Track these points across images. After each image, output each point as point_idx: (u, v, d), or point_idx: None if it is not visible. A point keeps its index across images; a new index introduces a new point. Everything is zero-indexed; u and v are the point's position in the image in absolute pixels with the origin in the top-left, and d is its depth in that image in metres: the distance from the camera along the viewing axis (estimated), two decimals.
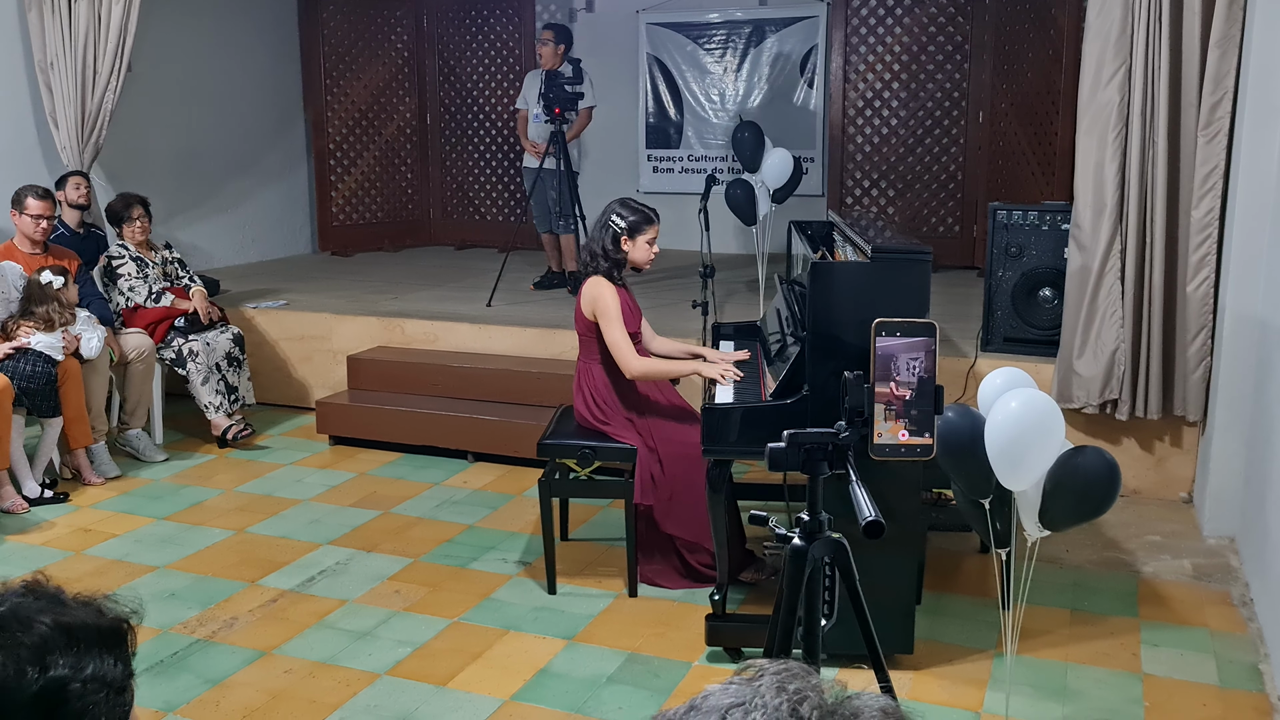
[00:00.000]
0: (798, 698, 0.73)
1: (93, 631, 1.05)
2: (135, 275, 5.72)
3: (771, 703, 0.73)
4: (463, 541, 4.49)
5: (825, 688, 0.75)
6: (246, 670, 3.45)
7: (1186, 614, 3.79)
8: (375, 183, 9.13)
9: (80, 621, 1.05)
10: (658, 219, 4.10)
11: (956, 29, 7.86)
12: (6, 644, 1.00)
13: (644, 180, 8.92)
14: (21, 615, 1.03)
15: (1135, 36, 4.38)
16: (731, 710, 0.73)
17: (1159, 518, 4.63)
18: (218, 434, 5.67)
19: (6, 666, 0.99)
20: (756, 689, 0.74)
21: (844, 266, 3.52)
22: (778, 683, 0.74)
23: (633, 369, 3.96)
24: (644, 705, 3.24)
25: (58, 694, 1.01)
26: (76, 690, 1.01)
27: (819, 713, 0.73)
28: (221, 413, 5.67)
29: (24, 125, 6.54)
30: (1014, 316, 5.06)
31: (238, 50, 8.14)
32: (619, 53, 8.76)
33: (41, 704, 1.00)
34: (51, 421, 4.96)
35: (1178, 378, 4.58)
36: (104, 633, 1.06)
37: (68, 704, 1.01)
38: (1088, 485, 2.77)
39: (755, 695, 0.74)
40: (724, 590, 3.57)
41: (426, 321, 6.19)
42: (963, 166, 7.95)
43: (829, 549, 2.04)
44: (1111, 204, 4.51)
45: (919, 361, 1.94)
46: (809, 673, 0.76)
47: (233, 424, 5.65)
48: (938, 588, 3.95)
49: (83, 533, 4.60)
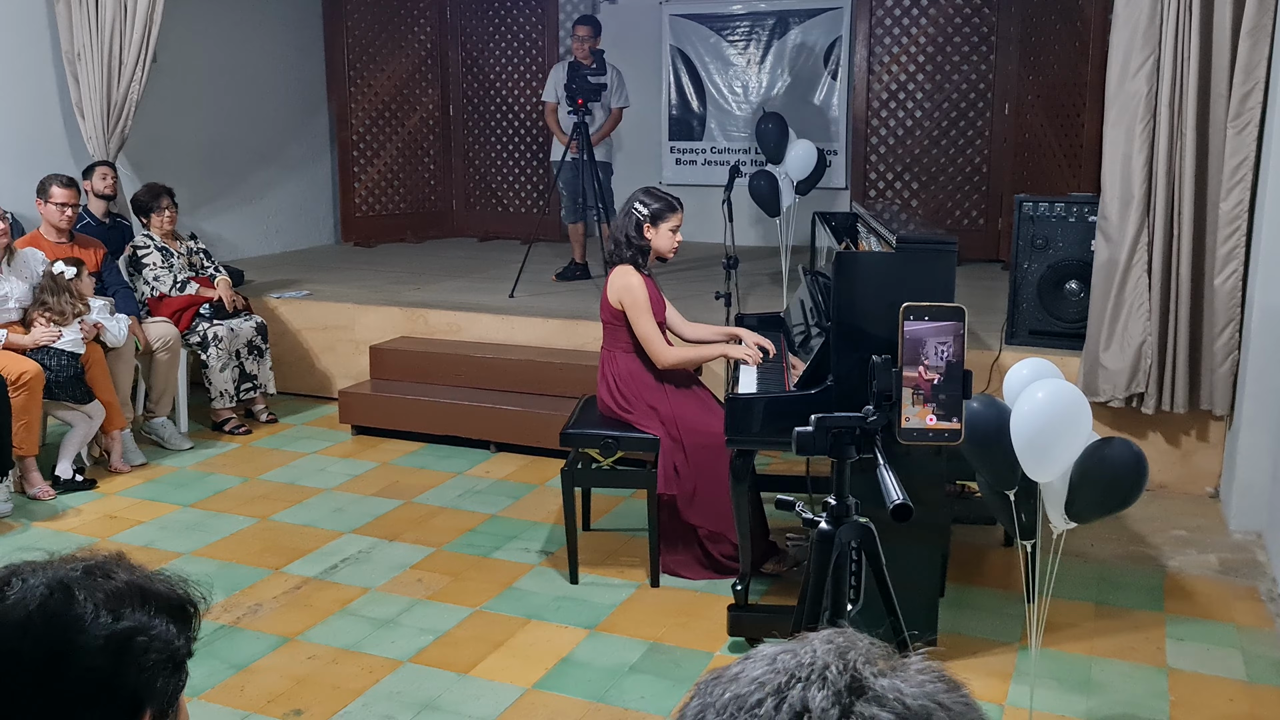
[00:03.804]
0: (846, 645, 0.77)
1: (165, 601, 1.11)
2: (160, 265, 5.76)
3: (821, 649, 0.76)
4: (485, 531, 4.50)
5: (874, 643, 0.79)
6: (271, 656, 3.47)
7: (1213, 609, 3.76)
8: (398, 174, 9.15)
9: (155, 589, 1.12)
10: (681, 207, 4.10)
11: (982, 20, 7.80)
12: (88, 586, 1.08)
13: (667, 172, 8.90)
14: (105, 568, 1.11)
15: (1164, 26, 4.33)
16: (781, 655, 0.77)
17: (1185, 512, 4.60)
18: (217, 421, 5.78)
19: (85, 604, 1.06)
20: (806, 640, 0.78)
21: (869, 257, 3.50)
22: (827, 636, 0.78)
23: (665, 360, 3.96)
24: (666, 695, 3.24)
25: (126, 642, 1.06)
26: (142, 643, 1.07)
27: (864, 658, 0.76)
28: (226, 400, 5.74)
29: (51, 115, 6.59)
30: (1039, 309, 5.02)
31: (262, 42, 8.18)
32: (642, 45, 8.74)
33: (110, 647, 1.05)
34: (92, 410, 5.00)
35: (1205, 371, 4.54)
36: (174, 606, 1.12)
37: (133, 654, 1.07)
38: (1115, 477, 2.75)
39: (804, 644, 0.78)
40: (747, 581, 3.57)
41: (449, 312, 6.21)
42: (987, 159, 7.90)
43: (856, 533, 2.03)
44: (1139, 195, 4.47)
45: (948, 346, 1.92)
46: (858, 634, 0.79)
47: (233, 418, 5.79)
48: (961, 580, 3.94)
49: (109, 519, 4.63)
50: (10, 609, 1.05)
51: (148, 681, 1.08)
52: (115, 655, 1.06)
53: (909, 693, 0.73)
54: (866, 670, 0.75)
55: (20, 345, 4.82)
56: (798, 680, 0.74)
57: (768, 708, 0.73)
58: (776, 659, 0.77)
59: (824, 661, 0.75)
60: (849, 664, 0.75)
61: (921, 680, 0.75)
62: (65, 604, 1.06)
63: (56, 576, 1.08)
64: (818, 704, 0.72)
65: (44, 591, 1.06)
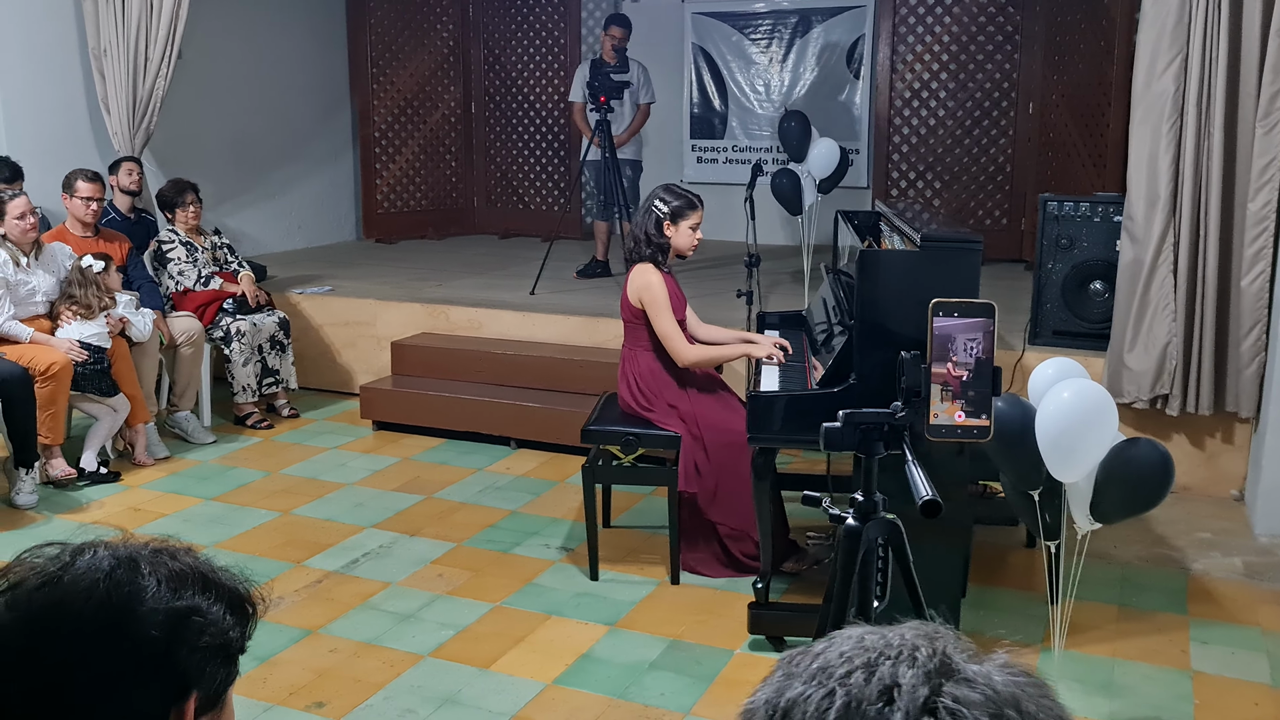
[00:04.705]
0: (935, 632, 0.79)
1: (225, 592, 1.15)
2: (185, 260, 5.79)
3: (909, 633, 0.79)
4: (505, 527, 4.51)
5: (960, 635, 0.81)
6: (293, 648, 3.49)
7: (1238, 612, 3.73)
8: (420, 171, 9.17)
9: (218, 579, 1.16)
10: (701, 205, 4.09)
11: (1006, 19, 7.76)
12: (154, 562, 1.12)
13: (688, 170, 8.89)
14: (172, 551, 1.16)
15: (1193, 25, 4.30)
16: (869, 635, 0.79)
17: (1209, 515, 4.56)
18: (240, 415, 5.82)
19: (149, 578, 1.10)
20: (893, 626, 0.81)
21: (893, 255, 3.49)
22: (914, 624, 0.81)
23: (685, 358, 3.96)
24: (686, 692, 3.23)
25: (183, 621, 1.09)
26: (198, 624, 1.10)
27: (953, 645, 0.77)
28: (248, 395, 5.77)
29: (77, 111, 6.64)
30: (1063, 309, 4.99)
31: (286, 39, 8.21)
32: (664, 43, 8.72)
33: (168, 624, 1.08)
34: (117, 403, 5.04)
35: (1230, 373, 4.51)
36: (234, 599, 1.16)
37: (187, 633, 1.09)
38: (1141, 477, 2.74)
39: (892, 628, 0.80)
40: (767, 579, 3.56)
41: (471, 309, 6.22)
42: (1011, 158, 7.86)
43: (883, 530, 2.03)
44: (1165, 196, 4.43)
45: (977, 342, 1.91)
46: (945, 626, 0.82)
47: (255, 412, 5.83)
48: (983, 581, 3.91)
49: (133, 511, 4.67)
50: (79, 576, 1.09)
51: (198, 664, 1.10)
52: (170, 630, 1.08)
53: (998, 679, 0.75)
54: (956, 655, 0.77)
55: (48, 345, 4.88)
56: (887, 658, 0.76)
57: (858, 679, 0.75)
58: (864, 638, 0.79)
59: (913, 644, 0.77)
60: (938, 649, 0.77)
61: (1008, 672, 0.76)
62: (130, 576, 1.10)
63: (125, 552, 1.13)
64: (908, 680, 0.74)
65: (111, 562, 1.11)
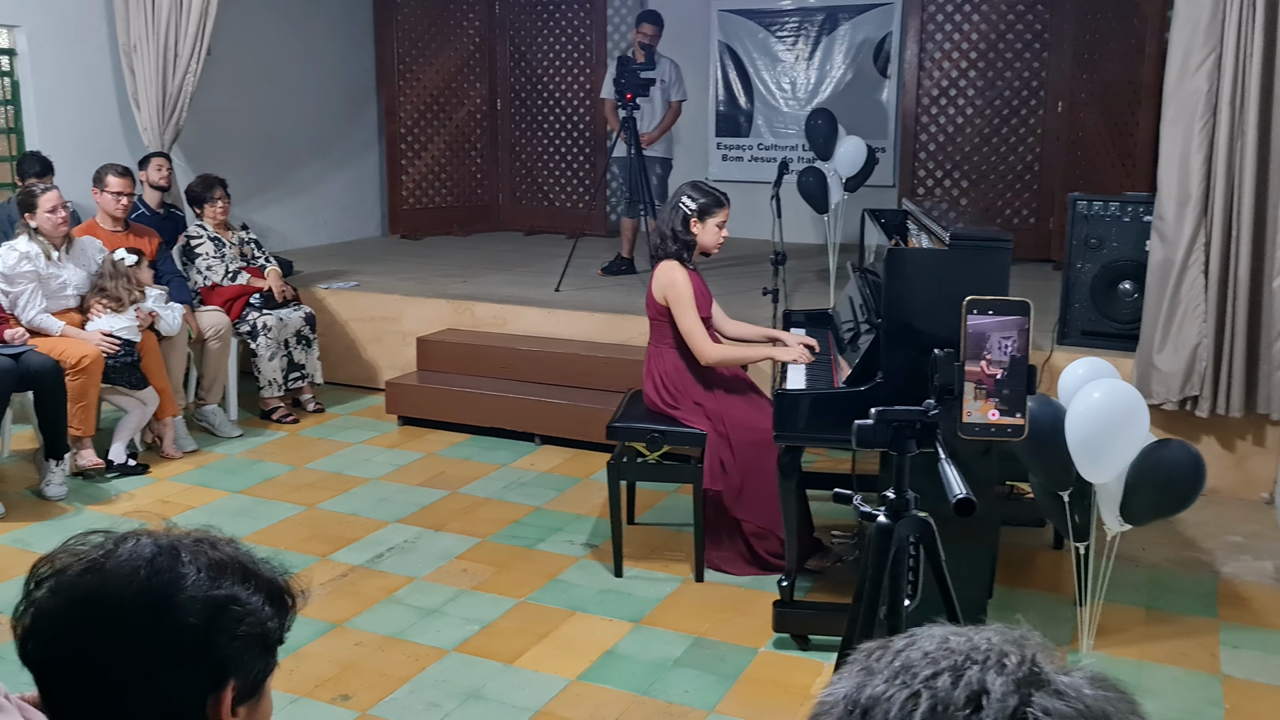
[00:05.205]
0: (1023, 638, 0.77)
1: (265, 583, 1.17)
2: (213, 255, 5.83)
3: (996, 637, 0.76)
4: (530, 523, 4.51)
5: (1046, 642, 0.79)
6: (319, 641, 3.50)
7: (1268, 616, 3.69)
8: (445, 167, 9.20)
9: (258, 570, 1.18)
10: (728, 203, 4.08)
11: (1036, 17, 7.70)
12: (195, 551, 1.15)
13: (713, 168, 8.88)
14: (214, 540, 1.19)
15: (1226, 22, 4.25)
16: (953, 636, 0.77)
17: (1239, 518, 4.52)
18: (266, 409, 5.85)
19: (189, 566, 1.13)
20: (976, 629, 0.79)
21: (921, 254, 3.47)
22: (999, 628, 0.78)
23: (708, 356, 3.95)
24: (710, 689, 3.23)
25: (222, 608, 1.11)
26: (237, 613, 1.12)
27: (1042, 653, 0.75)
28: (275, 389, 5.81)
29: (108, 107, 6.69)
30: (1092, 309, 4.95)
31: (313, 35, 8.26)
32: (690, 40, 8.71)
33: (207, 612, 1.11)
34: (146, 396, 5.08)
35: (1261, 375, 4.46)
36: (273, 590, 1.18)
37: (226, 621, 1.11)
38: (1172, 479, 2.71)
39: (977, 630, 0.78)
40: (793, 577, 3.55)
41: (496, 305, 6.23)
42: (1039, 157, 7.80)
43: (915, 528, 2.02)
44: (1196, 195, 4.39)
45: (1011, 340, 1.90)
46: (1031, 630, 0.79)
47: (281, 406, 5.86)
48: (1010, 583, 3.89)
49: (161, 503, 4.70)
50: (122, 562, 1.12)
51: (237, 652, 1.12)
52: (210, 617, 1.10)
53: (1089, 693, 0.73)
54: (1046, 664, 0.74)
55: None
56: (974, 662, 0.74)
57: (944, 682, 0.73)
58: (949, 639, 0.76)
59: (1001, 649, 0.75)
60: (1027, 656, 0.74)
61: (1098, 685, 0.74)
62: (171, 563, 1.12)
63: (167, 540, 1.16)
64: (997, 688, 0.72)
65: (153, 550, 1.14)
